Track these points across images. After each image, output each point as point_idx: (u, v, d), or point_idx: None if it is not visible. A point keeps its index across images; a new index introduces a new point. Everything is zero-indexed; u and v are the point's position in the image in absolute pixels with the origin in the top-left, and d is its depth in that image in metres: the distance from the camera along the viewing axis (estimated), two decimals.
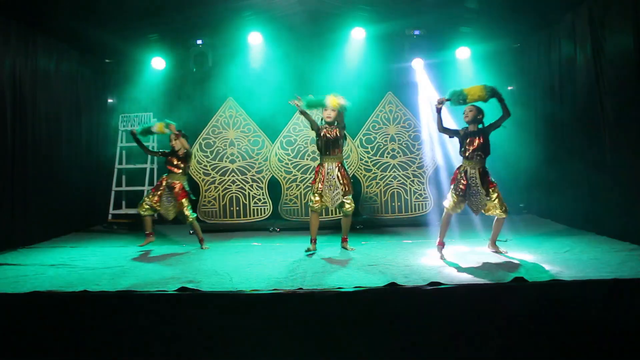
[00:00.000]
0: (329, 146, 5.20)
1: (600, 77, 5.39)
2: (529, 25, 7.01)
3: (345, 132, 5.38)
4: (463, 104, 4.71)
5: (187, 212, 5.52)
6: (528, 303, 3.40)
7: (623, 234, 5.11)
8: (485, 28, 7.14)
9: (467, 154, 4.77)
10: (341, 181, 5.15)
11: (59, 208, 6.56)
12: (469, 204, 4.81)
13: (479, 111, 4.82)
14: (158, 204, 5.48)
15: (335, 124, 5.24)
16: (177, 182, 5.55)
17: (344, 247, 5.29)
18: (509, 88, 7.98)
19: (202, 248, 5.57)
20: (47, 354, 3.31)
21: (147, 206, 5.48)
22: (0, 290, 3.76)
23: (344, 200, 5.18)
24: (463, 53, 7.50)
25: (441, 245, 4.85)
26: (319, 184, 5.17)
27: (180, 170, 5.58)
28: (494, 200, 4.74)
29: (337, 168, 5.19)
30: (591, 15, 5.53)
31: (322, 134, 5.22)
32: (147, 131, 5.65)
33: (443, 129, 4.90)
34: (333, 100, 5.14)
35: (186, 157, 5.63)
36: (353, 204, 5.27)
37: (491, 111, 4.92)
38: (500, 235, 5.48)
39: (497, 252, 4.87)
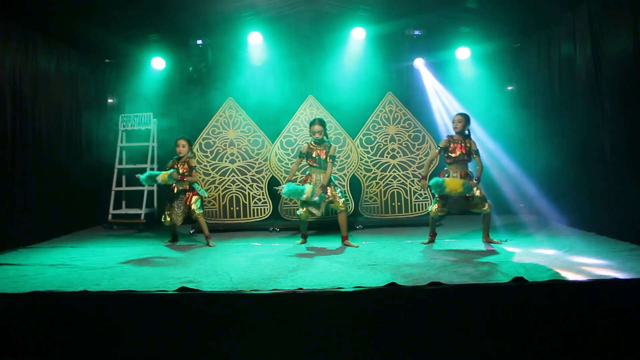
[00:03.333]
0: (318, 162, 5.50)
1: (600, 77, 5.39)
2: (529, 25, 7.01)
3: (333, 160, 5.58)
4: (441, 193, 5.16)
5: (194, 206, 5.68)
6: (528, 303, 3.41)
7: (623, 234, 5.11)
8: (485, 28, 7.14)
9: (449, 161, 5.27)
10: (328, 193, 5.40)
11: (59, 208, 6.56)
12: (449, 206, 5.27)
13: (467, 122, 5.31)
14: (170, 212, 5.73)
15: (324, 143, 5.52)
16: (186, 186, 5.74)
17: (346, 245, 5.45)
18: (509, 88, 7.99)
19: (209, 245, 5.69)
20: (47, 354, 3.31)
21: (168, 218, 5.73)
22: (0, 290, 3.76)
23: (332, 200, 5.41)
24: (463, 53, 7.51)
25: (432, 236, 5.48)
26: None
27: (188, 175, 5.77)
28: (477, 197, 5.10)
29: (322, 177, 5.45)
30: (591, 15, 5.53)
31: (313, 154, 5.51)
32: (152, 179, 5.78)
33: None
34: (309, 193, 5.30)
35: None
36: (343, 200, 5.46)
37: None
38: (500, 236, 5.51)
39: (493, 242, 5.18)
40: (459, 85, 7.76)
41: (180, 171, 5.70)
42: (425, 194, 7.01)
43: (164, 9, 6.30)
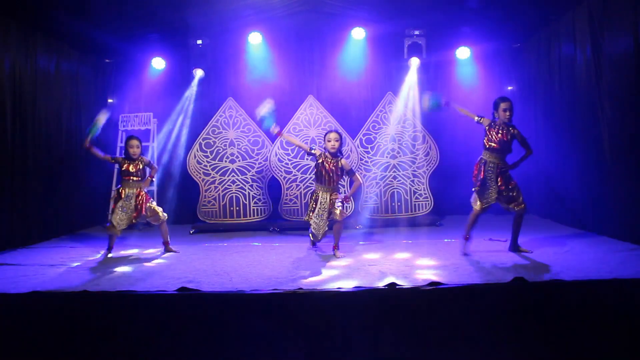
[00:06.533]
0: (327, 178, 5.02)
1: (600, 77, 5.40)
2: (529, 25, 7.01)
3: (350, 170, 5.19)
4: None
5: (161, 212, 5.32)
6: (528, 303, 3.41)
7: (623, 234, 5.11)
8: (485, 28, 7.14)
9: (488, 147, 4.79)
10: (330, 208, 5.00)
11: (59, 208, 6.56)
12: (483, 195, 4.76)
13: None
14: (113, 215, 5.14)
15: (339, 157, 5.08)
16: (138, 189, 5.24)
17: (334, 255, 4.95)
18: (509, 88, 7.99)
19: (166, 250, 5.36)
20: (47, 354, 3.31)
21: (114, 223, 5.12)
22: (0, 290, 3.77)
23: (334, 208, 4.98)
24: (463, 53, 7.50)
25: (466, 239, 4.86)
26: (311, 213, 5.08)
27: (139, 178, 5.28)
28: (514, 195, 4.72)
29: (329, 196, 5.04)
30: (591, 15, 5.53)
31: (320, 164, 5.04)
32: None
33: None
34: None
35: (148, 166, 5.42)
36: (342, 210, 5.02)
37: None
38: (500, 236, 5.48)
39: (521, 251, 4.80)
40: (459, 85, 7.76)
41: (133, 170, 5.20)
42: (425, 193, 7.00)
43: (164, 8, 6.30)
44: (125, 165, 5.24)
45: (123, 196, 5.19)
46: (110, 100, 8.09)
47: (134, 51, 7.47)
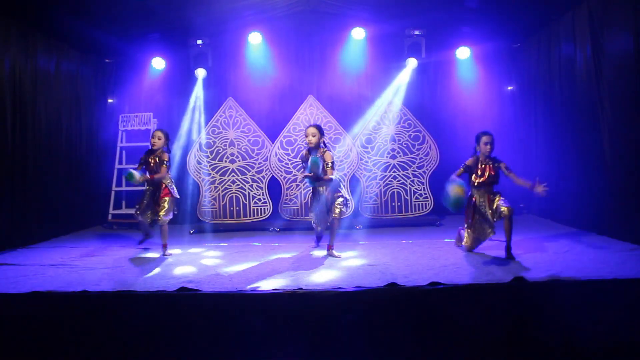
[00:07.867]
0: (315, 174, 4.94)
1: (600, 77, 5.40)
2: (529, 25, 7.01)
3: (332, 163, 4.95)
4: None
5: (162, 212, 5.12)
6: (528, 303, 3.41)
7: (623, 234, 5.11)
8: (485, 28, 7.14)
9: (476, 184, 4.86)
10: (330, 205, 4.98)
11: (59, 208, 6.56)
12: (478, 233, 4.89)
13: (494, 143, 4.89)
14: (139, 207, 5.19)
15: (320, 150, 5.00)
16: (162, 183, 5.21)
17: (330, 255, 4.95)
18: (509, 88, 7.99)
19: (164, 255, 5.18)
20: (47, 354, 3.31)
21: (138, 212, 5.19)
22: (0, 290, 3.77)
23: (334, 206, 4.94)
24: (463, 53, 7.50)
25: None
26: (310, 207, 5.11)
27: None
28: (498, 202, 4.76)
29: (325, 189, 5.02)
30: (591, 15, 5.54)
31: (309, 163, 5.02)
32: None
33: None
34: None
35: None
36: (342, 209, 4.95)
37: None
38: (500, 236, 5.47)
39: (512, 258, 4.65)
40: (459, 85, 7.76)
41: (152, 165, 5.18)
42: (425, 193, 7.01)
43: (164, 8, 6.30)
44: (148, 159, 5.25)
45: (148, 192, 5.25)
46: (110, 100, 8.09)
47: (134, 51, 7.47)
